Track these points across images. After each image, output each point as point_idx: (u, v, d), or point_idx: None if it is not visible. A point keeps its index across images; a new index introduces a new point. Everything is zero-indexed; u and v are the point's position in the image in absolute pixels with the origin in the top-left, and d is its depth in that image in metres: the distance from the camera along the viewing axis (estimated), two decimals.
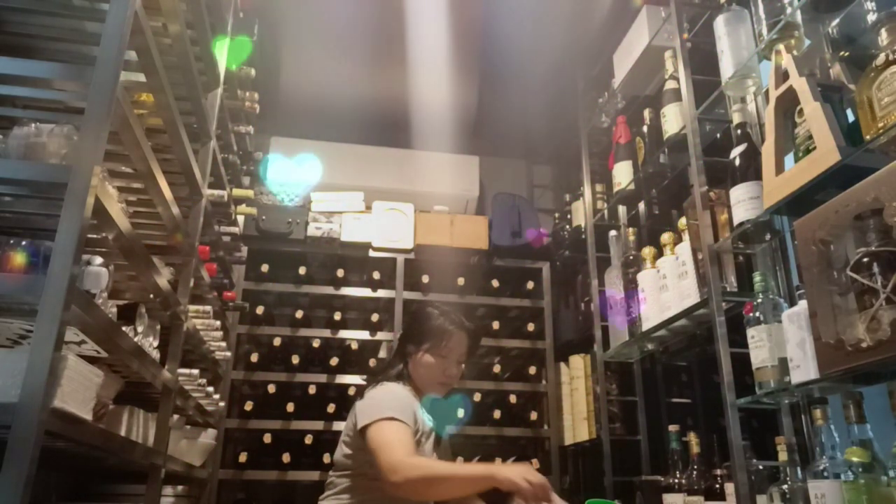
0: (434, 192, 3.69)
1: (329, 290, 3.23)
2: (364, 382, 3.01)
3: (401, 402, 1.71)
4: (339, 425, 2.98)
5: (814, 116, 1.56)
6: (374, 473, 1.64)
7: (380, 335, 3.21)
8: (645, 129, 2.68)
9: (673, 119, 2.41)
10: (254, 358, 3.03)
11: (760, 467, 1.84)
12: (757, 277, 1.81)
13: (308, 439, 2.91)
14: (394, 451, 1.57)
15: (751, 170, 1.86)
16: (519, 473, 1.51)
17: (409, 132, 3.61)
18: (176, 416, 2.23)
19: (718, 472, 2.01)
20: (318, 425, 2.98)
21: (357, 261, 3.36)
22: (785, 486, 1.66)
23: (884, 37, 1.42)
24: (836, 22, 1.87)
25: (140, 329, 1.61)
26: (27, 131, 1.30)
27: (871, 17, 1.62)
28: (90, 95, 1.23)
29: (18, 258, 1.20)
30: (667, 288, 2.30)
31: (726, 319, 1.95)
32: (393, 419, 1.63)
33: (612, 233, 2.88)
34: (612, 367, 2.94)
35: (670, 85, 2.46)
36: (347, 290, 3.25)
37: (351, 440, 1.75)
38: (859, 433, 1.43)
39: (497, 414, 3.13)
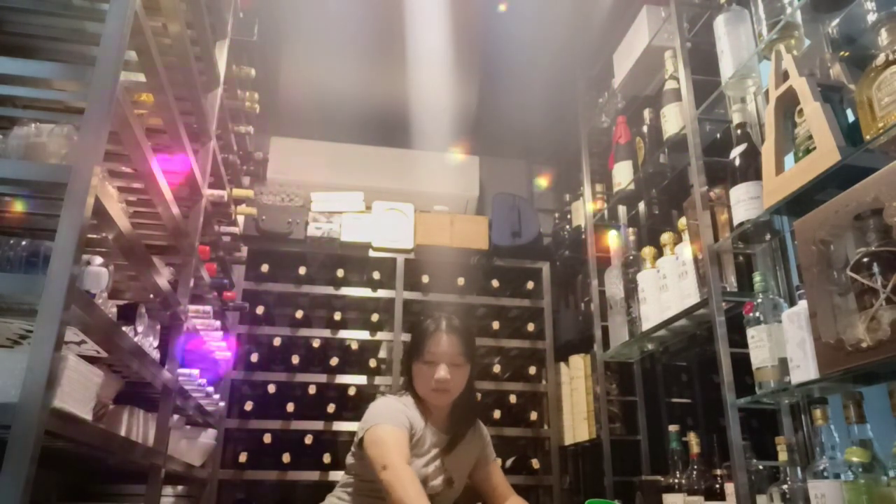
0: (434, 192, 3.69)
1: (329, 290, 3.23)
2: (364, 383, 3.06)
3: (390, 411, 1.75)
4: (339, 425, 2.98)
5: (814, 116, 1.56)
6: (370, 476, 1.69)
7: (380, 335, 3.21)
8: (645, 129, 2.68)
9: (673, 119, 2.41)
10: (254, 358, 3.03)
11: (760, 467, 1.84)
12: (757, 277, 1.81)
13: (308, 439, 2.91)
14: (388, 449, 1.61)
15: (751, 170, 1.86)
16: None
17: (409, 132, 3.61)
18: (176, 416, 2.23)
19: (718, 472, 2.01)
20: (318, 425, 2.98)
21: (357, 261, 3.36)
22: (785, 486, 1.66)
23: (884, 37, 1.42)
24: (836, 22, 1.87)
25: (140, 329, 1.61)
26: (27, 131, 1.30)
27: (871, 17, 1.62)
28: (90, 95, 1.23)
29: None
30: (667, 288, 2.30)
31: (726, 319, 1.95)
32: (383, 423, 1.69)
33: (612, 233, 2.88)
34: (612, 367, 2.94)
35: (670, 85, 2.46)
36: (347, 290, 3.25)
37: (354, 449, 1.80)
38: (859, 433, 1.43)
39: (497, 414, 3.13)
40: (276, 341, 3.08)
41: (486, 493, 1.97)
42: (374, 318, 3.16)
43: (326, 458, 2.86)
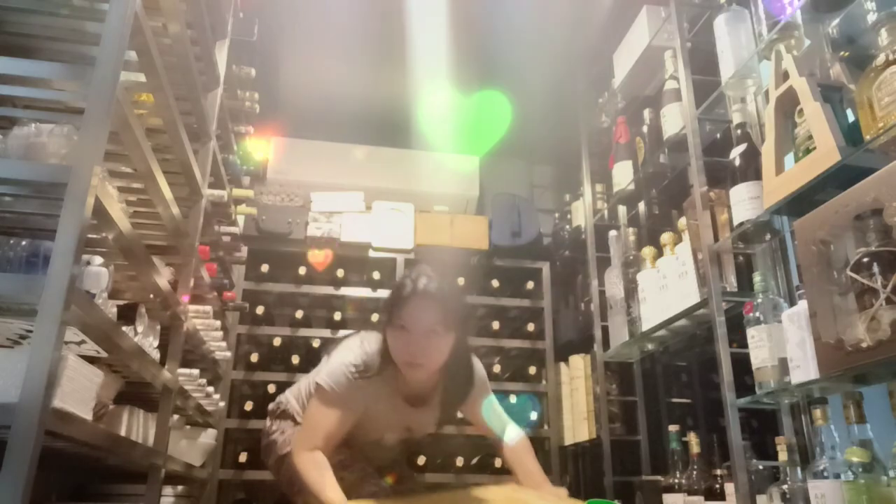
0: (434, 192, 3.69)
1: (329, 290, 3.23)
2: None
3: (349, 386, 1.61)
4: None
5: (814, 116, 1.56)
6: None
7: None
8: (645, 129, 2.68)
9: (673, 119, 2.41)
10: (254, 358, 3.03)
11: (760, 467, 1.84)
12: (757, 277, 1.81)
13: None
14: (314, 434, 1.58)
15: (751, 170, 1.86)
16: None
17: (409, 132, 3.61)
18: (176, 416, 2.23)
19: (718, 472, 2.01)
20: None
21: (357, 261, 3.36)
22: (785, 486, 1.66)
23: (884, 37, 1.42)
24: (836, 22, 1.87)
25: (140, 329, 1.61)
26: (27, 131, 1.30)
27: (871, 17, 1.62)
28: (90, 95, 1.23)
29: None
30: (667, 288, 2.30)
31: (726, 319, 1.96)
32: (327, 393, 1.61)
33: (612, 233, 2.88)
34: (612, 367, 2.94)
35: (670, 85, 2.46)
36: (347, 290, 3.25)
37: (311, 389, 1.75)
38: (859, 433, 1.43)
39: None
40: (276, 341, 3.08)
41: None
42: (374, 318, 3.16)
43: None
